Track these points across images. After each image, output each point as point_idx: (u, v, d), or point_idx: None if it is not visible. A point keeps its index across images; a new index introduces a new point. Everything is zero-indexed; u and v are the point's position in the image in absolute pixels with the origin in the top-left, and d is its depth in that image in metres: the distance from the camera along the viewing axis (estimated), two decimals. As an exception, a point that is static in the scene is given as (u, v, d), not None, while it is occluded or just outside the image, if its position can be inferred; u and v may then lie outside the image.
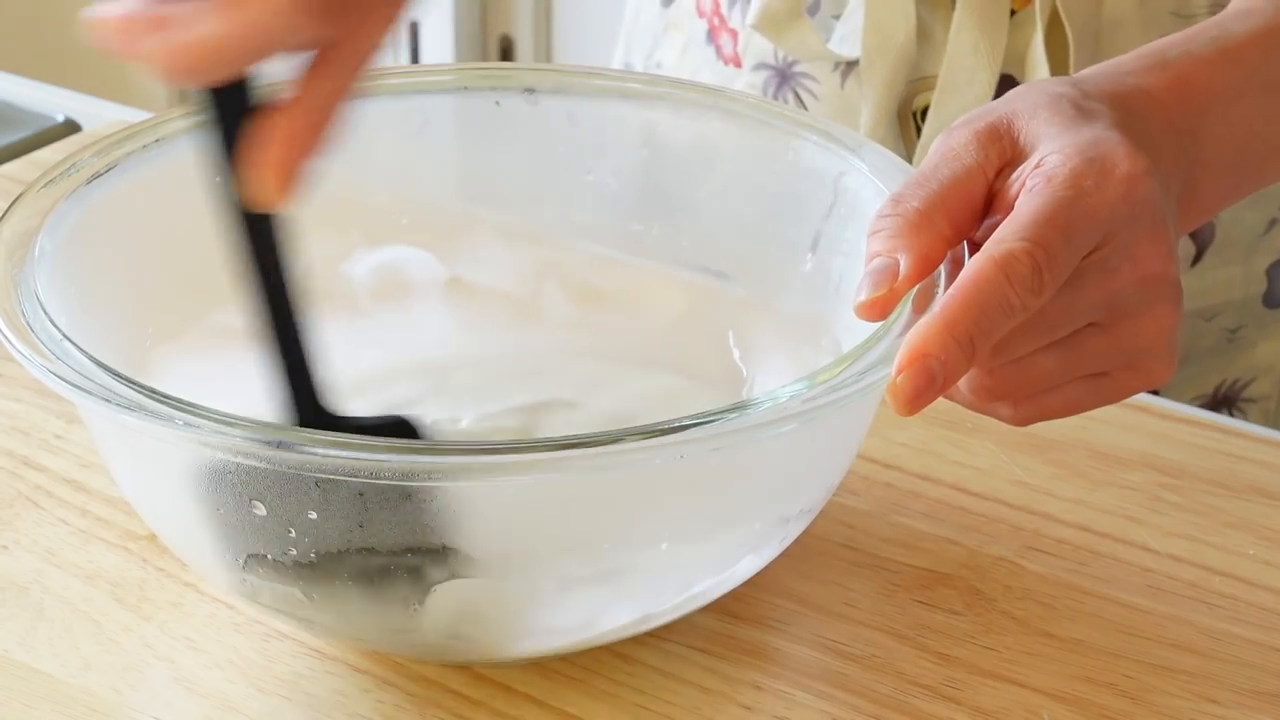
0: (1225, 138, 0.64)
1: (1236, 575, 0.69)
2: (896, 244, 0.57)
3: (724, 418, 0.54)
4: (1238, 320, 0.90)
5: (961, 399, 0.61)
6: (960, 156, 0.59)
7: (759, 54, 0.89)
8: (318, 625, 0.62)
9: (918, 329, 0.54)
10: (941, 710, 0.62)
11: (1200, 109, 0.63)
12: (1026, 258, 0.55)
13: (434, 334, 0.77)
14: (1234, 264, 0.88)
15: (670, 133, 0.74)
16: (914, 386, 0.53)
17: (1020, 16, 0.83)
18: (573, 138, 0.75)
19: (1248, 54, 0.65)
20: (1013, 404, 0.60)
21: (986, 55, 0.82)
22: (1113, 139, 0.58)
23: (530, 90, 0.74)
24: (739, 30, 0.90)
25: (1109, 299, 0.58)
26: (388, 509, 0.56)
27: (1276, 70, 0.65)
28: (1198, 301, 0.88)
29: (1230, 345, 0.90)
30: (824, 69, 0.87)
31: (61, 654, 0.64)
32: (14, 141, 1.00)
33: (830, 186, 0.70)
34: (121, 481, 0.63)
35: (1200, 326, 0.89)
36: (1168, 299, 0.59)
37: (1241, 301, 0.89)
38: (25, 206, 0.64)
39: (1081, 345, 0.59)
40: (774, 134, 0.72)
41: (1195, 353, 0.90)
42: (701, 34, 0.93)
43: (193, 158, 0.55)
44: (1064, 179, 0.57)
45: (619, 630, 0.61)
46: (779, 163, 0.72)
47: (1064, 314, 0.58)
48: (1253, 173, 0.67)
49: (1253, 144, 0.65)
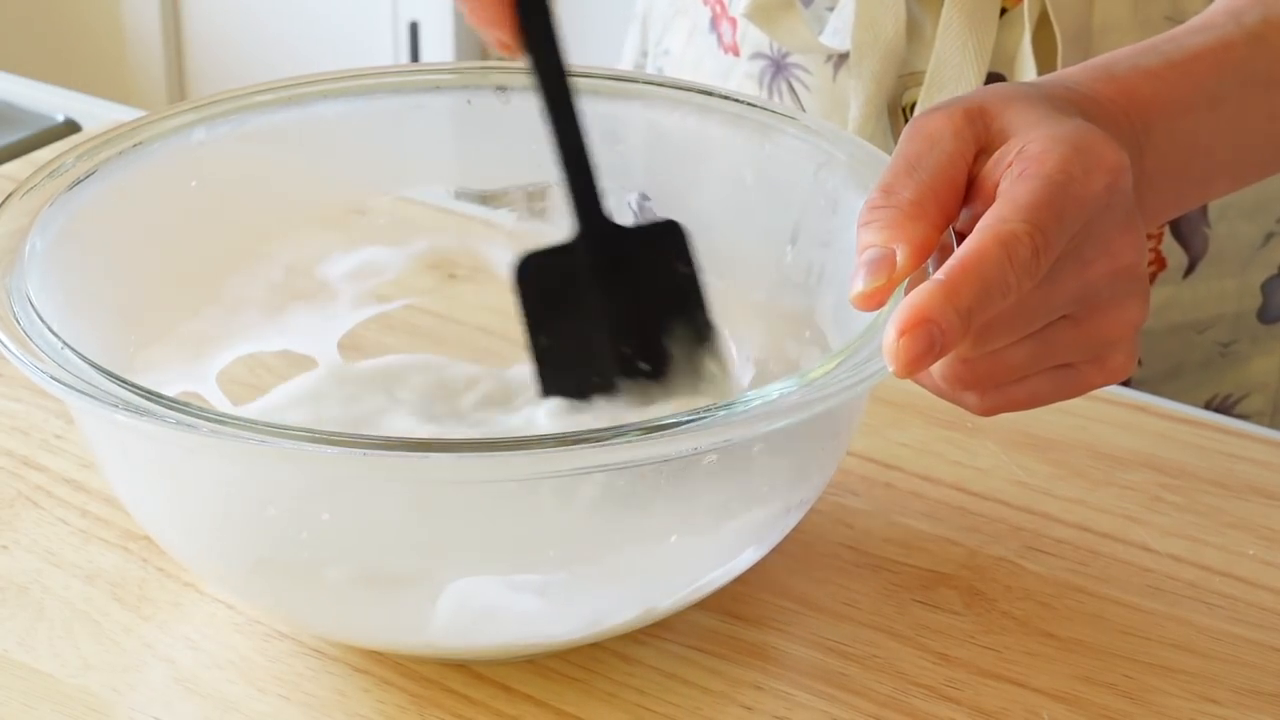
0: (1169, 151, 0.64)
1: (1236, 575, 0.69)
2: (892, 234, 0.57)
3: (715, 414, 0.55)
4: (1231, 335, 0.89)
5: (931, 385, 0.61)
6: (940, 143, 0.59)
7: (756, 43, 0.89)
8: (324, 626, 0.62)
9: (919, 293, 0.54)
10: (941, 710, 0.62)
11: (1144, 122, 0.63)
12: (1028, 239, 0.55)
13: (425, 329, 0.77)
14: (1228, 277, 0.88)
15: (646, 128, 0.74)
16: (914, 350, 0.53)
17: (1011, 15, 0.83)
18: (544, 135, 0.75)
19: (1197, 68, 0.65)
20: (980, 393, 0.60)
21: (974, 52, 0.82)
22: (1095, 131, 0.59)
23: (502, 89, 0.74)
24: (737, 19, 0.90)
25: (1083, 291, 0.58)
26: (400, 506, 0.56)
27: (1226, 86, 0.65)
28: (1190, 314, 0.88)
29: (1223, 360, 0.90)
30: (816, 61, 0.87)
31: (61, 654, 0.64)
32: (14, 141, 1.00)
33: (809, 178, 0.70)
34: (120, 485, 0.63)
35: (1192, 339, 0.89)
36: (1137, 293, 0.59)
37: (1235, 315, 0.89)
38: (12, 209, 0.64)
39: (1053, 337, 0.59)
40: (751, 127, 0.72)
41: (1187, 366, 0.89)
42: (705, 21, 0.93)
43: (175, 159, 0.55)
44: (1054, 164, 0.57)
45: (625, 625, 0.62)
46: (757, 155, 0.72)
47: (1041, 305, 0.58)
48: (1197, 185, 0.67)
49: (1198, 157, 0.65)
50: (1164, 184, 0.64)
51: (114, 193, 0.68)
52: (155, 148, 0.70)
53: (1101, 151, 0.58)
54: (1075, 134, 0.58)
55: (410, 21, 2.43)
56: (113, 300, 0.68)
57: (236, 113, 0.72)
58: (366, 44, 2.47)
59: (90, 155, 0.68)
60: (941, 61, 0.83)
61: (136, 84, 2.56)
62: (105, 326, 0.66)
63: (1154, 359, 0.88)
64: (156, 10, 2.51)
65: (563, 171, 0.67)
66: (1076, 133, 0.58)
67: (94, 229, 0.67)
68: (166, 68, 2.55)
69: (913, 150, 0.59)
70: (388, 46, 2.45)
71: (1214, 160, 0.66)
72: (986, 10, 0.82)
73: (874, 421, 0.75)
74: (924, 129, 0.60)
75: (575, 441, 0.53)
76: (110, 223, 0.68)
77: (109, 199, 0.68)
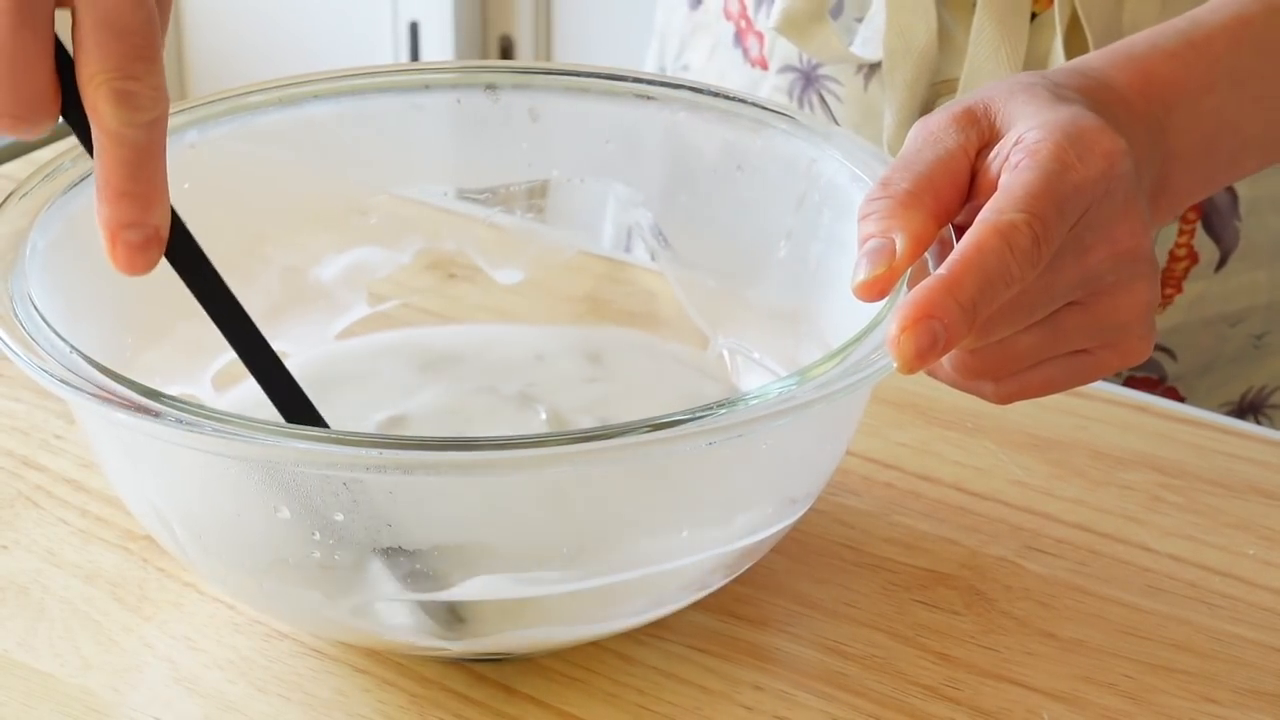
0: (1193, 130, 0.64)
1: (1236, 575, 0.69)
2: (890, 224, 0.57)
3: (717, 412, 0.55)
4: (1263, 326, 0.89)
5: (945, 376, 0.61)
6: (941, 139, 0.59)
7: (785, 56, 0.89)
8: (329, 628, 0.62)
9: (920, 289, 0.54)
10: (941, 710, 0.62)
11: (1166, 102, 0.63)
12: (1027, 229, 0.55)
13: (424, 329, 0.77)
14: (1260, 268, 0.88)
15: (640, 126, 0.74)
16: (917, 346, 0.53)
17: (1041, 19, 0.83)
18: (535, 134, 0.75)
19: (1216, 46, 0.65)
20: (995, 381, 0.61)
21: (1007, 58, 0.82)
22: (1091, 118, 0.59)
23: (491, 87, 0.74)
24: (765, 33, 0.90)
25: (1085, 276, 0.58)
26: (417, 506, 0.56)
27: (1247, 61, 0.65)
28: (1222, 307, 0.88)
29: (1256, 351, 0.90)
30: (847, 71, 0.87)
31: (61, 654, 0.64)
32: (14, 141, 1.00)
33: (803, 174, 0.70)
34: (124, 486, 0.63)
35: (1225, 332, 0.89)
36: (1143, 275, 0.59)
37: (1267, 306, 0.89)
38: (12, 209, 0.64)
39: (1061, 323, 0.59)
40: (743, 123, 0.72)
41: (1221, 359, 0.89)
42: (729, 36, 0.93)
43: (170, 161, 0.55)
44: (1049, 153, 0.57)
45: (632, 622, 0.62)
46: (749, 151, 0.72)
47: (1044, 293, 0.58)
48: (1225, 164, 0.67)
49: (1223, 136, 0.65)
50: (1191, 163, 0.64)
51: None
52: None
53: (1096, 137, 0.58)
54: (1069, 121, 0.58)
55: (410, 21, 2.43)
56: (110, 301, 0.68)
57: (230, 114, 0.72)
58: (366, 44, 2.47)
59: (87, 157, 0.68)
60: (975, 68, 0.83)
61: (136, 84, 2.56)
62: (104, 327, 0.66)
63: (1188, 354, 0.89)
64: (156, 10, 2.51)
65: (263, 386, 0.60)
66: (1070, 120, 0.58)
67: (92, 230, 0.67)
68: (166, 68, 2.55)
69: (914, 146, 0.60)
70: (388, 46, 2.46)
71: (1242, 137, 0.66)
72: (1017, 14, 0.82)
73: (874, 421, 0.75)
74: (927, 126, 0.60)
75: (580, 439, 0.54)
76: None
77: None
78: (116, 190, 0.53)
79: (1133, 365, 0.61)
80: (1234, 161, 0.67)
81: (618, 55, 1.03)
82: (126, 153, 0.53)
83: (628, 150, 0.75)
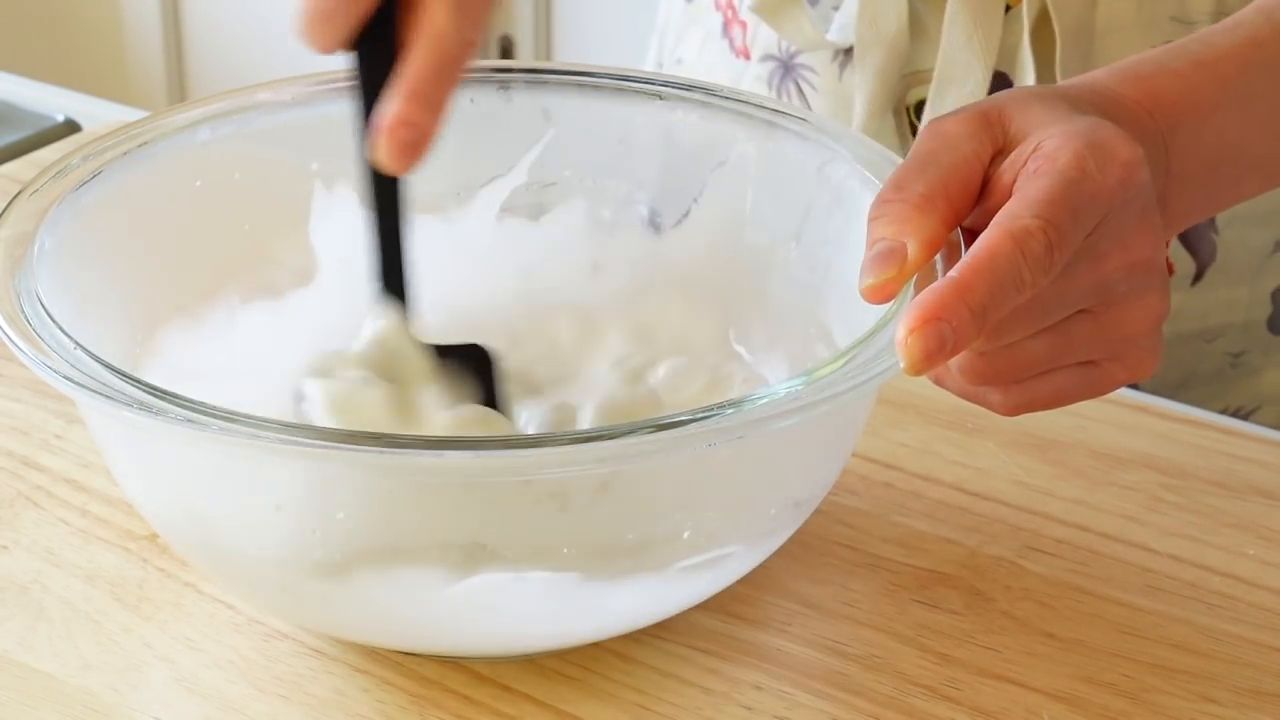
0: (1196, 151, 0.64)
1: (1236, 575, 0.69)
2: (902, 228, 0.57)
3: (722, 413, 0.55)
4: (1241, 345, 0.89)
5: (952, 382, 0.61)
6: (956, 144, 0.59)
7: (765, 45, 0.90)
8: (332, 624, 0.62)
9: (930, 292, 0.54)
10: (941, 710, 0.62)
11: (1171, 122, 0.63)
12: (1041, 234, 0.55)
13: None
14: (1238, 285, 0.87)
15: (650, 126, 0.74)
16: (924, 348, 0.53)
17: (1015, 13, 0.83)
18: (548, 132, 0.75)
19: (1225, 67, 0.64)
20: (1002, 390, 0.60)
21: (980, 49, 0.82)
22: (1110, 127, 0.59)
23: (504, 86, 0.74)
24: (747, 20, 0.90)
25: (1099, 284, 0.58)
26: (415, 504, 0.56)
27: (1255, 85, 0.65)
28: (1197, 323, 0.87)
29: (1233, 371, 0.89)
30: (823, 60, 0.87)
31: (61, 654, 0.64)
32: (14, 141, 1.00)
33: (813, 176, 0.70)
34: (127, 483, 0.63)
35: (1201, 349, 0.88)
36: (1156, 287, 0.59)
37: (1244, 325, 0.88)
38: (19, 209, 0.64)
39: (1071, 331, 0.59)
40: (755, 125, 0.72)
41: (1197, 377, 0.89)
42: (718, 27, 0.94)
43: (180, 159, 0.55)
44: (1068, 160, 0.57)
45: (633, 622, 0.62)
46: (761, 153, 0.72)
47: (1056, 299, 0.58)
48: (1226, 186, 0.66)
49: (1226, 157, 0.65)
50: (1192, 184, 0.64)
51: (119, 193, 0.68)
52: (160, 148, 0.70)
53: (1115, 146, 0.58)
54: (1089, 130, 0.58)
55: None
56: (118, 299, 0.68)
57: (241, 112, 0.72)
58: (367, 44, 2.46)
59: (96, 155, 0.68)
60: (949, 58, 0.83)
61: (136, 84, 2.56)
62: (111, 326, 0.66)
63: (1164, 368, 0.88)
64: (156, 10, 2.51)
65: (379, 277, 0.65)
66: (1090, 128, 0.58)
67: (100, 229, 0.67)
68: (166, 68, 2.54)
69: (927, 149, 0.59)
70: (388, 46, 2.45)
71: (1245, 160, 0.66)
72: (991, 5, 0.82)
73: (874, 421, 0.75)
74: (940, 129, 0.60)
75: (585, 439, 0.54)
76: (115, 223, 0.68)
77: (114, 199, 0.68)
78: (413, 89, 0.59)
79: (1140, 379, 0.61)
80: (1235, 184, 0.67)
81: (618, 55, 1.03)
82: (440, 57, 0.59)
83: (640, 152, 0.75)
